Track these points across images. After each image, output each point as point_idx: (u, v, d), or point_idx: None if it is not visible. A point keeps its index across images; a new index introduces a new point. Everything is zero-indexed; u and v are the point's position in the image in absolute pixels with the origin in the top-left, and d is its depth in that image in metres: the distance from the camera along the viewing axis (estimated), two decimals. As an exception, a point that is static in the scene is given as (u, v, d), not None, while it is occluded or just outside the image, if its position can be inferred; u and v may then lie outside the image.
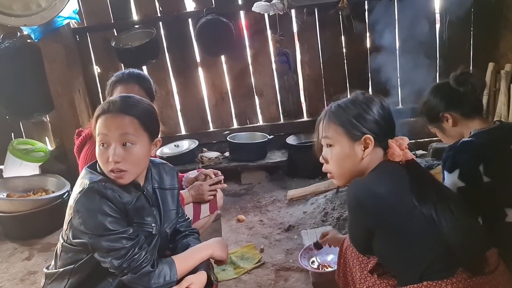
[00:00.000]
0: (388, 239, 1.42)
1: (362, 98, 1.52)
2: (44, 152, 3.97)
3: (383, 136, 1.48)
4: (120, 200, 1.48)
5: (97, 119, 1.53)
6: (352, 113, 1.49)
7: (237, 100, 4.11)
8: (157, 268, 1.50)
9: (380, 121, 1.48)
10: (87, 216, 1.44)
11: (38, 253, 3.07)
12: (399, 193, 1.40)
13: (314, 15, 3.78)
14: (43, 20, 3.22)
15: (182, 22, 3.91)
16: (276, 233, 2.99)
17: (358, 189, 1.44)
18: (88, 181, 1.47)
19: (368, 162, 1.49)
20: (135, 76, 2.23)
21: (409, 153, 1.46)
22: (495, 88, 3.42)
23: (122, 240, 1.45)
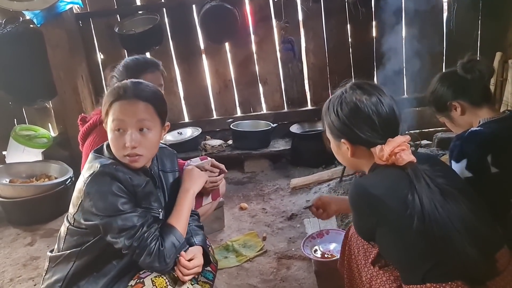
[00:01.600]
0: (389, 239, 1.40)
1: (342, 96, 1.46)
2: (47, 138, 3.97)
3: (360, 139, 1.41)
4: (130, 182, 1.51)
5: (111, 105, 1.54)
6: (331, 115, 1.47)
7: (241, 88, 4.08)
8: (165, 243, 1.53)
9: (353, 128, 1.41)
10: (99, 198, 1.45)
11: (40, 238, 3.07)
12: (398, 195, 1.33)
13: (320, 2, 3.73)
14: (45, 5, 3.19)
15: (186, 8, 3.87)
16: (279, 221, 2.99)
17: (357, 189, 1.42)
18: (99, 164, 1.49)
19: (359, 160, 1.48)
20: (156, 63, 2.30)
21: (401, 158, 1.35)
22: (502, 78, 3.37)
23: (133, 218, 1.48)
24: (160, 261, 1.50)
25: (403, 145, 1.36)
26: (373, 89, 1.44)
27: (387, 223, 1.37)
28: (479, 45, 3.63)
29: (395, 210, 1.33)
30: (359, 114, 1.40)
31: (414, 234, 1.31)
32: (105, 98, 1.59)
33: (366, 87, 1.45)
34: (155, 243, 1.50)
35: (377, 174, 1.44)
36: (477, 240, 1.30)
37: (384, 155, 1.36)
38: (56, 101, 4.03)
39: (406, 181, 1.34)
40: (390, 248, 1.43)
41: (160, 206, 1.64)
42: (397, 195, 1.34)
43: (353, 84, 1.47)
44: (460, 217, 1.30)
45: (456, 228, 1.28)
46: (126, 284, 1.54)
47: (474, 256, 1.27)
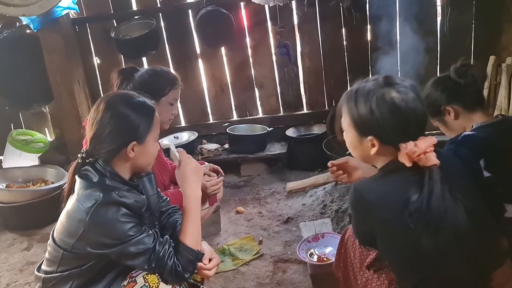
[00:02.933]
0: (384, 245, 1.41)
1: (377, 92, 1.37)
2: (43, 143, 3.97)
3: (392, 139, 1.35)
4: (137, 204, 1.51)
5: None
6: (360, 109, 1.38)
7: (237, 92, 4.10)
8: (180, 262, 1.53)
9: (386, 127, 1.34)
10: (107, 228, 1.44)
11: (37, 243, 3.07)
12: (396, 202, 1.31)
13: (315, 6, 3.74)
14: (42, 10, 3.20)
15: (182, 13, 3.88)
16: (275, 225, 3.00)
17: (355, 194, 1.40)
18: (101, 193, 1.45)
19: (378, 157, 1.43)
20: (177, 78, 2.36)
21: (428, 159, 1.30)
22: (496, 82, 3.40)
23: (144, 239, 1.48)
24: (180, 278, 1.55)
25: (433, 145, 1.32)
26: (407, 85, 1.38)
27: (381, 230, 1.37)
28: (472, 49, 3.65)
29: (388, 219, 1.33)
30: (397, 115, 1.33)
31: (406, 244, 1.30)
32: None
33: (400, 83, 1.38)
34: (172, 262, 1.51)
35: (381, 178, 1.42)
36: (475, 259, 1.29)
37: (417, 152, 1.30)
38: (52, 105, 4.04)
39: (415, 184, 1.30)
40: (384, 254, 1.44)
41: (155, 220, 1.66)
42: (394, 203, 1.31)
43: (386, 79, 1.40)
44: (464, 232, 1.27)
45: (455, 244, 1.26)
46: (119, 285, 1.54)
47: (465, 276, 1.27)
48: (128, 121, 1.53)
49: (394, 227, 1.32)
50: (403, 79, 1.41)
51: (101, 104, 1.54)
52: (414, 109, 1.34)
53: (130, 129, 1.54)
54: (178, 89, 2.26)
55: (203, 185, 2.19)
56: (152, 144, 1.60)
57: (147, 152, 1.59)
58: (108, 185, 1.50)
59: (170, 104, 2.22)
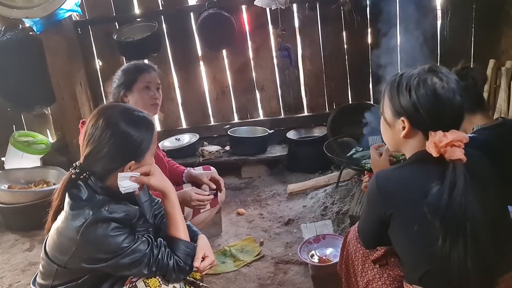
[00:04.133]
0: (397, 233, 1.43)
1: (420, 76, 1.38)
2: (45, 144, 3.98)
3: (424, 125, 1.37)
4: (128, 217, 1.50)
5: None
6: (400, 90, 1.40)
7: (238, 94, 4.12)
8: (179, 257, 1.54)
9: (420, 109, 1.36)
10: (99, 244, 1.42)
11: (39, 244, 3.09)
12: (414, 194, 1.33)
13: (316, 10, 3.78)
14: (45, 13, 3.22)
15: (184, 16, 3.90)
16: (276, 226, 3.02)
17: (377, 180, 1.42)
18: (90, 211, 1.42)
19: (408, 143, 1.44)
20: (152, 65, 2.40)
21: (454, 152, 1.30)
22: (496, 85, 3.42)
23: (139, 247, 1.47)
24: (184, 273, 1.56)
25: (463, 140, 1.32)
26: (451, 77, 1.39)
27: (396, 218, 1.38)
28: (472, 53, 3.68)
29: (405, 207, 1.35)
30: (433, 100, 1.35)
31: (419, 234, 1.32)
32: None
33: (444, 72, 1.39)
34: (172, 260, 1.52)
35: (404, 167, 1.44)
36: (484, 260, 1.29)
37: (444, 142, 1.31)
38: (54, 107, 4.06)
39: (437, 176, 1.31)
40: (397, 242, 1.45)
41: (150, 225, 1.64)
42: (413, 192, 1.34)
43: (431, 67, 1.41)
44: (478, 231, 1.28)
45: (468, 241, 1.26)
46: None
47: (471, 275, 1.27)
48: (128, 142, 1.50)
49: (410, 216, 1.34)
50: (449, 71, 1.42)
51: (100, 120, 1.50)
52: (452, 100, 1.36)
53: (130, 149, 1.51)
54: (149, 73, 2.27)
55: (189, 195, 2.19)
56: (148, 161, 1.58)
57: (143, 169, 1.56)
58: (98, 201, 1.47)
59: (145, 88, 2.24)
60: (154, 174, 1.59)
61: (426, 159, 1.36)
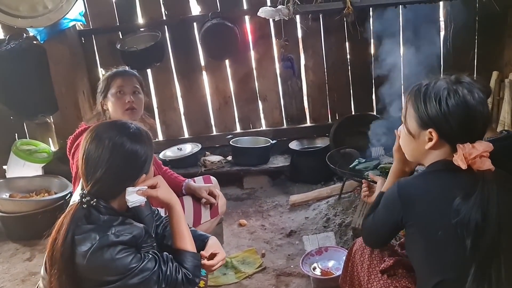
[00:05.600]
0: (415, 241, 1.41)
1: (449, 86, 1.37)
2: (47, 153, 3.98)
3: (452, 137, 1.36)
4: (135, 239, 1.48)
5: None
6: (428, 101, 1.38)
7: (241, 105, 4.12)
8: (188, 269, 1.53)
9: (451, 121, 1.34)
10: (106, 268, 1.41)
11: (39, 254, 3.07)
12: (440, 200, 1.33)
13: (319, 21, 3.79)
14: (49, 22, 3.23)
15: (187, 26, 3.92)
16: (278, 238, 2.99)
17: (399, 186, 1.41)
18: (96, 234, 1.41)
19: (431, 154, 1.43)
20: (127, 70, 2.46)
21: (484, 163, 1.30)
22: (499, 97, 3.42)
23: (147, 265, 1.46)
24: (192, 285, 1.55)
25: (489, 150, 1.32)
26: (477, 87, 1.38)
27: (414, 225, 1.37)
28: (475, 64, 3.69)
29: (427, 215, 1.34)
30: (465, 111, 1.33)
31: (437, 241, 1.31)
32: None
33: (472, 83, 1.38)
34: (181, 274, 1.50)
35: (426, 174, 1.43)
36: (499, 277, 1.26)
37: (474, 154, 1.30)
38: (57, 116, 4.06)
39: (464, 185, 1.30)
40: (412, 249, 1.44)
41: (153, 241, 1.63)
42: (438, 201, 1.33)
43: (457, 77, 1.40)
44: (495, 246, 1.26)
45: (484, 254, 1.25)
46: None
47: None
48: (139, 158, 1.50)
49: (431, 225, 1.33)
50: (472, 82, 1.41)
51: (104, 141, 1.47)
52: (481, 111, 1.36)
53: (141, 164, 1.52)
54: (123, 77, 2.25)
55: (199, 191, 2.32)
56: (152, 171, 1.59)
57: (148, 181, 1.56)
58: (103, 223, 1.45)
59: (118, 92, 2.21)
60: (160, 186, 1.58)
61: (450, 168, 1.35)
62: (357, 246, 1.69)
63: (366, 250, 1.64)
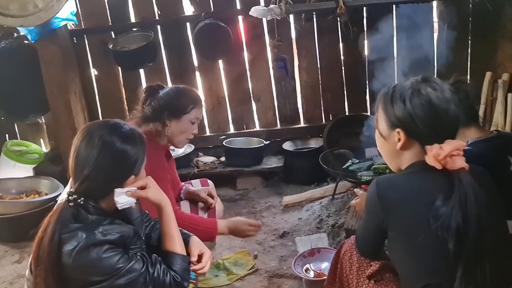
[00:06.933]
0: (396, 244, 1.40)
1: (413, 86, 1.39)
2: (38, 154, 3.94)
3: (420, 136, 1.38)
4: (122, 239, 1.45)
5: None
6: (394, 101, 1.40)
7: (234, 105, 4.09)
8: (176, 272, 1.50)
9: (416, 120, 1.36)
10: (93, 267, 1.38)
11: (28, 256, 2.99)
12: (419, 202, 1.31)
13: (313, 21, 3.78)
14: (40, 21, 3.20)
15: (180, 26, 3.89)
16: (270, 239, 2.97)
17: (377, 188, 1.40)
18: (83, 233, 1.38)
19: (405, 156, 1.43)
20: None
21: (455, 162, 1.29)
22: (492, 98, 3.41)
23: (135, 266, 1.43)
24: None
25: (461, 148, 1.32)
26: (444, 87, 1.39)
27: (396, 228, 1.36)
28: (469, 65, 3.68)
29: (408, 218, 1.33)
30: (429, 109, 1.35)
31: (419, 246, 1.29)
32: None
33: (438, 82, 1.39)
34: (169, 277, 1.48)
35: (406, 175, 1.41)
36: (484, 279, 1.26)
37: (442, 154, 1.30)
38: (48, 116, 4.02)
39: (442, 187, 1.29)
40: (394, 253, 1.43)
41: (143, 243, 1.60)
42: (418, 203, 1.32)
43: (424, 77, 1.41)
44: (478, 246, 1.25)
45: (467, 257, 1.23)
46: None
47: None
48: (128, 158, 1.48)
49: (412, 227, 1.32)
50: (441, 81, 1.42)
51: (93, 140, 1.45)
52: (447, 110, 1.36)
53: (129, 166, 1.49)
54: (201, 108, 2.25)
55: (240, 227, 2.23)
56: (143, 173, 1.56)
57: (139, 182, 1.53)
58: (91, 222, 1.43)
59: (192, 122, 2.20)
60: (150, 187, 1.55)
61: (429, 169, 1.34)
62: (346, 247, 1.67)
63: (355, 252, 1.62)
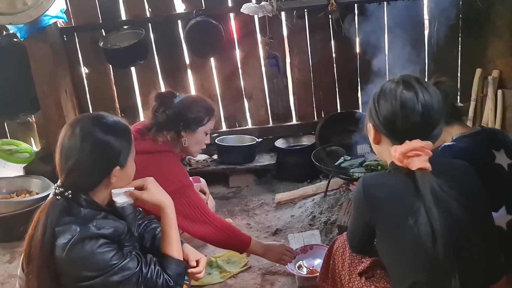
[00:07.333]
0: (384, 243, 1.42)
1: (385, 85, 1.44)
2: (29, 153, 3.91)
3: (381, 128, 1.42)
4: (117, 234, 1.45)
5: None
6: (373, 96, 1.47)
7: (226, 103, 4.08)
8: (170, 276, 1.50)
9: (380, 116, 1.41)
10: (86, 262, 1.37)
11: (20, 256, 3.00)
12: (403, 202, 1.32)
13: (304, 18, 3.78)
14: (29, 19, 3.17)
15: (171, 24, 3.87)
16: (263, 236, 2.97)
17: (363, 187, 1.42)
18: (77, 226, 1.38)
19: (381, 149, 1.49)
20: None
21: (413, 163, 1.31)
22: (482, 94, 3.44)
23: (129, 264, 1.42)
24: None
25: (420, 149, 1.32)
26: (418, 85, 1.39)
27: (383, 226, 1.38)
28: (459, 62, 3.70)
29: (392, 217, 1.35)
30: (390, 107, 1.39)
31: (404, 245, 1.31)
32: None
33: (411, 81, 1.40)
34: (162, 279, 1.47)
35: (391, 174, 1.43)
36: (469, 273, 1.27)
37: (396, 156, 1.34)
38: (39, 115, 3.99)
39: (413, 188, 1.31)
40: (383, 252, 1.44)
41: (136, 240, 1.60)
42: (401, 202, 1.33)
43: (402, 76, 1.44)
44: (458, 243, 1.26)
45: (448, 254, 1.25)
46: None
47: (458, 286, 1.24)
48: (111, 148, 1.46)
49: (396, 226, 1.33)
50: (426, 84, 1.42)
51: (75, 132, 1.45)
52: (412, 110, 1.36)
53: (113, 155, 1.47)
54: (214, 119, 2.25)
55: (279, 253, 2.25)
56: (131, 165, 1.55)
57: (127, 175, 1.53)
58: (84, 216, 1.42)
59: (205, 133, 2.20)
60: (148, 188, 1.57)
61: (398, 168, 1.38)
62: (338, 243, 1.68)
63: (347, 248, 1.63)
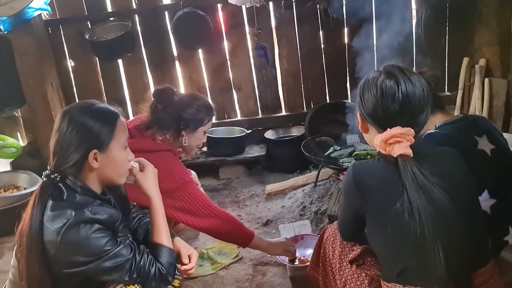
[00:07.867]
0: (373, 230, 1.43)
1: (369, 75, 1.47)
2: (15, 148, 3.86)
3: (371, 123, 1.44)
4: (111, 220, 1.46)
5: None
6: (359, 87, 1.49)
7: (215, 95, 4.06)
8: (163, 264, 1.51)
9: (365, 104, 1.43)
10: (80, 246, 1.37)
11: (8, 251, 2.98)
12: (390, 189, 1.34)
13: (292, 8, 3.76)
14: (12, 11, 3.10)
15: (158, 15, 3.83)
16: (254, 227, 2.98)
17: (353, 174, 1.43)
18: (72, 210, 1.38)
19: (370, 137, 1.50)
20: None
21: (394, 150, 1.33)
22: (470, 83, 3.47)
23: (122, 251, 1.43)
24: (164, 282, 1.52)
25: (400, 136, 1.33)
26: (399, 74, 1.39)
27: (372, 213, 1.39)
28: (447, 51, 3.73)
29: (381, 204, 1.36)
30: (371, 94, 1.40)
31: (391, 231, 1.33)
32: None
33: (393, 71, 1.41)
34: (154, 268, 1.48)
35: (380, 161, 1.44)
36: (456, 258, 1.29)
37: (378, 144, 1.37)
38: (25, 109, 3.93)
39: (398, 175, 1.33)
40: (373, 239, 1.45)
41: (129, 232, 1.61)
42: (388, 189, 1.34)
43: (386, 65, 1.45)
44: (442, 228, 1.27)
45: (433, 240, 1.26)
46: None
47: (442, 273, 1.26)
48: (87, 129, 1.46)
49: (385, 213, 1.35)
50: (410, 73, 1.42)
51: (62, 114, 1.50)
52: (392, 98, 1.37)
53: (90, 136, 1.46)
54: (213, 118, 2.27)
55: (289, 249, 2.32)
56: (118, 152, 1.52)
57: (112, 161, 1.50)
58: (79, 202, 1.43)
59: (204, 132, 2.22)
60: (146, 175, 1.61)
61: (384, 156, 1.40)
62: (328, 232, 1.69)
63: (338, 237, 1.64)
